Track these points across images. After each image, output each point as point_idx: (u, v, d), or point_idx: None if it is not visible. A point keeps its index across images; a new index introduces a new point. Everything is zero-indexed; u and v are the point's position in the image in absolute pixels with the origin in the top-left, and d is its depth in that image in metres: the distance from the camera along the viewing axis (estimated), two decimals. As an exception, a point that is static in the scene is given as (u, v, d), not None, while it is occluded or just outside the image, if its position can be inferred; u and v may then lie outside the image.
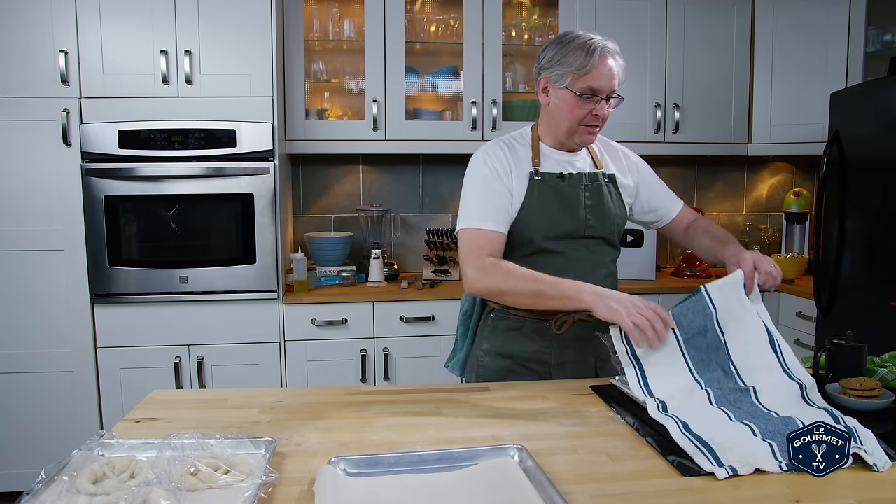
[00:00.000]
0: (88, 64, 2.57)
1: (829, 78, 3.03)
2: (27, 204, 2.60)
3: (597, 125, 1.56)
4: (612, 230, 1.65)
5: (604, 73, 1.50)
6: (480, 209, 1.56)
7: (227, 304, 2.70)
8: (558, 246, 1.59)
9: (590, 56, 1.49)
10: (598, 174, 1.65)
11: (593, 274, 1.59)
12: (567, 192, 1.60)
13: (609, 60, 1.51)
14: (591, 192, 1.62)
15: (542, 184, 1.59)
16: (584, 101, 1.52)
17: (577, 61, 1.50)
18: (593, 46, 1.49)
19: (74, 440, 1.13)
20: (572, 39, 1.53)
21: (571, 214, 1.59)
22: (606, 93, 1.53)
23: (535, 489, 0.95)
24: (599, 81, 1.50)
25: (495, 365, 1.67)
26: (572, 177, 1.61)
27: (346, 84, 3.15)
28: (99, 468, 0.97)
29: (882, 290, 2.39)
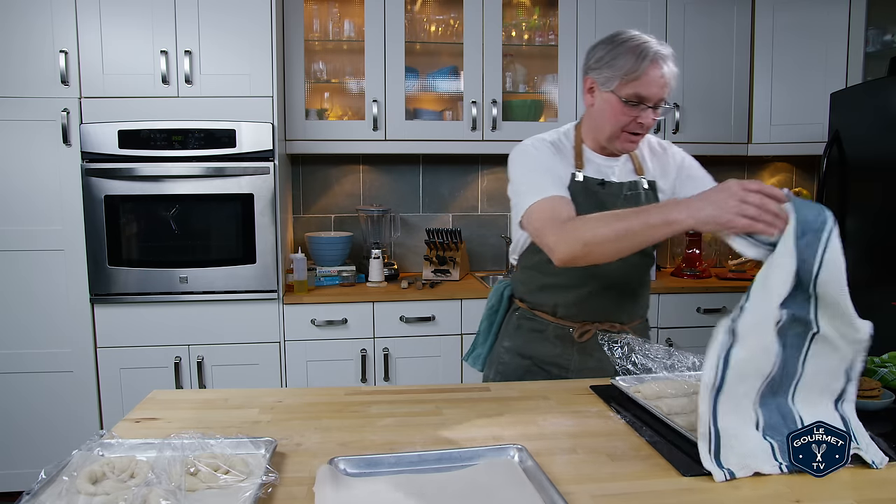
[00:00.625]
0: (88, 64, 2.57)
1: (829, 78, 3.03)
2: (27, 204, 2.60)
3: (640, 133, 1.50)
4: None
5: (654, 79, 1.42)
6: (543, 182, 1.46)
7: (227, 304, 2.70)
8: None
9: (641, 60, 1.41)
10: (638, 182, 1.58)
11: (622, 282, 1.57)
12: (605, 200, 1.53)
13: (661, 67, 1.42)
14: (628, 201, 1.55)
15: (584, 189, 1.53)
16: (629, 108, 1.45)
17: (626, 65, 1.42)
18: (646, 50, 1.41)
19: (74, 440, 1.13)
20: (624, 41, 1.44)
21: None
22: (654, 101, 1.45)
23: (535, 489, 0.95)
24: (649, 89, 1.43)
25: (515, 363, 1.67)
26: (612, 185, 1.55)
27: (346, 84, 3.15)
28: (99, 468, 0.97)
29: (882, 290, 2.39)
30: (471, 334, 2.85)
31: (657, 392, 1.36)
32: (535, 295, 1.63)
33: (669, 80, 1.45)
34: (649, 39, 1.44)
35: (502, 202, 3.47)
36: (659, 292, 2.98)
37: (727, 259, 3.46)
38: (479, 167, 3.44)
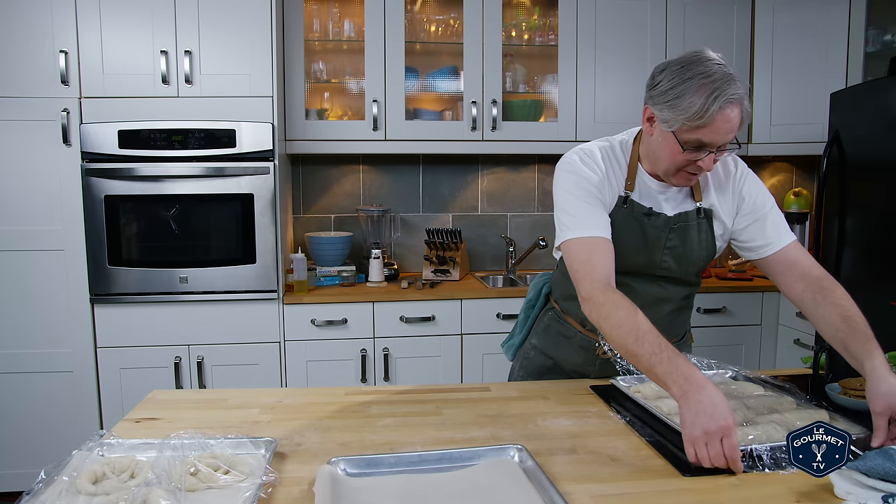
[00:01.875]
0: (88, 64, 2.57)
1: (829, 78, 3.03)
2: (27, 204, 2.60)
3: (699, 173, 1.35)
4: (689, 271, 1.50)
5: (720, 126, 1.24)
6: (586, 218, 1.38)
7: (227, 304, 2.70)
8: (624, 279, 1.42)
9: (709, 106, 1.22)
10: (690, 213, 1.45)
11: (656, 308, 1.48)
12: (649, 231, 1.44)
13: (733, 111, 1.24)
14: (676, 233, 1.45)
15: (628, 214, 1.44)
16: (689, 152, 1.30)
17: (692, 109, 1.23)
18: (717, 93, 1.22)
19: (74, 440, 1.13)
20: (694, 76, 1.24)
21: (647, 254, 1.46)
22: (717, 146, 1.28)
23: (535, 489, 0.95)
24: (713, 136, 1.26)
25: (538, 361, 1.68)
26: (659, 217, 1.44)
27: (346, 84, 3.15)
28: (99, 468, 0.97)
29: (882, 290, 2.39)
30: (471, 334, 2.86)
31: (657, 392, 1.36)
32: (568, 301, 1.60)
33: (739, 122, 1.26)
34: (723, 74, 1.23)
35: (502, 202, 3.47)
36: (659, 292, 2.98)
37: (727, 259, 3.46)
38: (479, 167, 3.44)
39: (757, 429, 1.14)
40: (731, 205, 1.48)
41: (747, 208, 1.47)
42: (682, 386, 1.10)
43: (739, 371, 1.52)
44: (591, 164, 1.43)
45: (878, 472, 0.94)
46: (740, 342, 3.06)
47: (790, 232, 1.47)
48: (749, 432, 1.13)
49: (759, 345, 3.08)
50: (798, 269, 1.44)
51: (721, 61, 1.27)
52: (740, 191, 1.48)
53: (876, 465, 0.94)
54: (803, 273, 1.43)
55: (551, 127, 3.12)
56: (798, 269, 1.43)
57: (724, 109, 1.23)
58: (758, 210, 1.46)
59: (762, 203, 1.47)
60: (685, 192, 1.47)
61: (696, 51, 1.30)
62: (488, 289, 2.96)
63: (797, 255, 1.45)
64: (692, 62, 1.27)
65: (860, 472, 0.96)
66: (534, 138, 3.11)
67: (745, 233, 1.48)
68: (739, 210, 1.48)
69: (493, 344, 2.82)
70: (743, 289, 3.05)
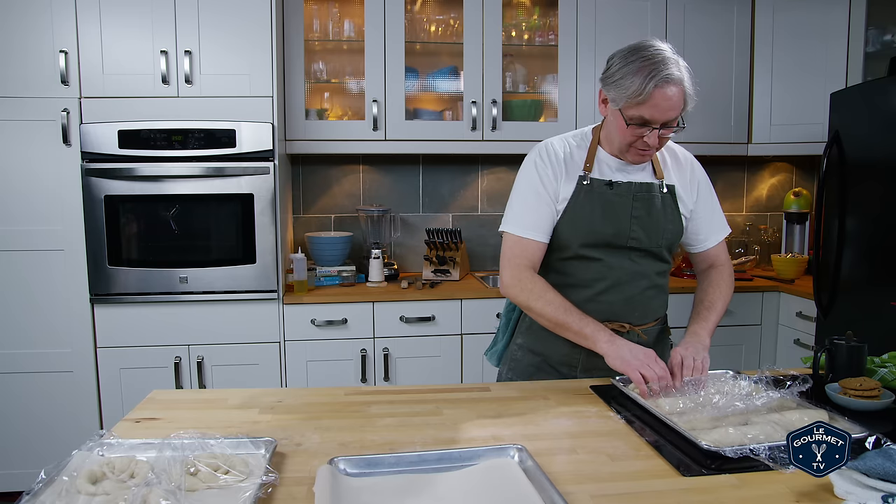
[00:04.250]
0: (88, 64, 2.57)
1: (829, 78, 3.03)
2: (27, 204, 2.60)
3: (648, 149, 1.48)
4: (659, 243, 1.57)
5: (659, 104, 1.39)
6: (526, 214, 1.56)
7: (227, 304, 2.70)
8: (596, 253, 1.55)
9: (646, 84, 1.37)
10: (654, 185, 1.57)
11: (632, 284, 1.57)
12: (614, 201, 1.54)
13: (669, 89, 1.38)
14: (641, 202, 1.55)
15: (590, 190, 1.54)
16: (634, 128, 1.44)
17: (632, 87, 1.39)
18: (653, 73, 1.37)
19: (74, 440, 1.13)
20: (636, 59, 1.40)
21: (614, 224, 1.54)
22: (660, 123, 1.43)
23: (535, 489, 0.95)
24: (652, 112, 1.40)
25: (526, 360, 1.69)
26: (621, 185, 1.55)
27: (346, 84, 3.15)
28: (99, 468, 0.97)
29: (882, 290, 2.39)
30: (471, 334, 2.86)
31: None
32: None
33: (678, 102, 1.41)
34: (662, 58, 1.39)
35: (502, 202, 3.47)
36: (659, 292, 2.98)
37: (727, 259, 3.46)
38: (479, 167, 3.44)
39: (755, 428, 1.14)
40: (693, 195, 1.64)
41: (703, 196, 1.65)
42: (608, 339, 1.44)
43: (739, 371, 1.51)
44: (548, 159, 1.57)
45: (878, 472, 0.94)
46: (740, 342, 3.06)
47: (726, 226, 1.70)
48: (748, 431, 1.13)
49: (759, 345, 3.08)
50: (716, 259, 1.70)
51: (664, 48, 1.42)
52: (700, 183, 1.65)
53: (876, 465, 0.94)
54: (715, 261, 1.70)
55: (551, 127, 3.12)
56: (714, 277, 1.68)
57: (660, 87, 1.37)
58: (706, 201, 1.66)
59: (708, 195, 1.67)
60: (647, 171, 1.59)
61: (644, 39, 1.47)
62: (488, 289, 2.96)
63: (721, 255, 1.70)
64: (637, 48, 1.43)
65: (860, 472, 0.96)
66: (534, 138, 3.10)
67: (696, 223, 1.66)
68: (700, 195, 1.65)
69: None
70: (743, 289, 3.05)
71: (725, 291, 1.63)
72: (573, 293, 1.56)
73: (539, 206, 1.55)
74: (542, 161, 1.57)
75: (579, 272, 1.57)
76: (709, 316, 1.58)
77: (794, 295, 2.97)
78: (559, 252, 1.59)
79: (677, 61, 1.41)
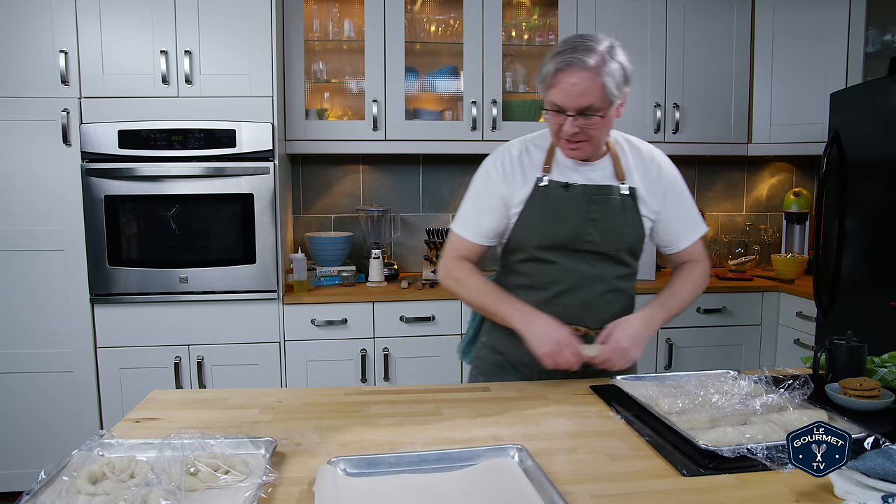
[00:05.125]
0: (88, 64, 2.57)
1: (828, 78, 3.03)
2: (27, 204, 2.60)
3: (576, 141, 1.45)
4: (618, 247, 1.54)
5: (564, 88, 1.38)
6: (470, 217, 1.59)
7: (227, 304, 2.70)
8: (552, 256, 1.54)
9: (552, 68, 1.38)
10: (613, 188, 1.53)
11: (589, 287, 1.54)
12: (569, 203, 1.52)
13: (572, 75, 1.36)
14: (597, 205, 1.52)
15: (545, 192, 1.53)
16: (552, 115, 1.44)
17: (543, 72, 1.41)
18: (559, 58, 1.37)
19: (74, 440, 1.13)
20: (556, 48, 1.42)
21: (570, 227, 1.52)
22: (572, 110, 1.39)
23: (535, 489, 0.95)
24: (562, 98, 1.39)
25: (489, 359, 1.69)
26: (576, 188, 1.52)
27: (346, 84, 3.15)
28: (99, 468, 0.97)
29: (882, 290, 2.39)
30: (471, 334, 2.86)
31: (657, 393, 1.36)
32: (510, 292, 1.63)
33: (587, 88, 1.36)
34: (578, 45, 1.37)
35: (502, 202, 3.46)
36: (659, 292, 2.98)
37: (727, 259, 3.46)
38: (478, 167, 3.43)
39: (754, 428, 1.14)
40: (660, 197, 1.58)
41: (674, 198, 1.60)
42: (523, 317, 1.46)
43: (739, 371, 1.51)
44: (501, 165, 1.57)
45: (878, 472, 0.94)
46: (740, 342, 3.06)
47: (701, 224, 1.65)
48: (746, 431, 1.13)
49: (759, 345, 3.08)
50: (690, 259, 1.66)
51: (590, 40, 1.39)
52: (670, 184, 1.60)
53: (876, 465, 0.94)
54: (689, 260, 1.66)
55: (551, 127, 3.12)
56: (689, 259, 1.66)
57: (562, 71, 1.36)
58: (683, 199, 1.62)
59: (685, 193, 1.62)
60: (608, 172, 1.55)
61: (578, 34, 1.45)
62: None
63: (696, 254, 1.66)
64: (566, 40, 1.42)
65: (860, 472, 0.96)
66: (534, 138, 3.11)
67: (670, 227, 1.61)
68: (668, 196, 1.59)
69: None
70: (743, 289, 3.05)
71: (695, 283, 1.61)
72: (530, 295, 1.57)
73: (484, 210, 1.57)
74: (495, 166, 1.58)
75: (536, 274, 1.56)
76: (668, 301, 1.56)
77: (794, 295, 2.97)
78: (516, 254, 1.59)
79: (600, 52, 1.37)
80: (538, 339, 1.43)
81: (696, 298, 1.63)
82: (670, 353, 2.99)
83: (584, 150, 1.48)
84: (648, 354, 2.99)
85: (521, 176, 1.55)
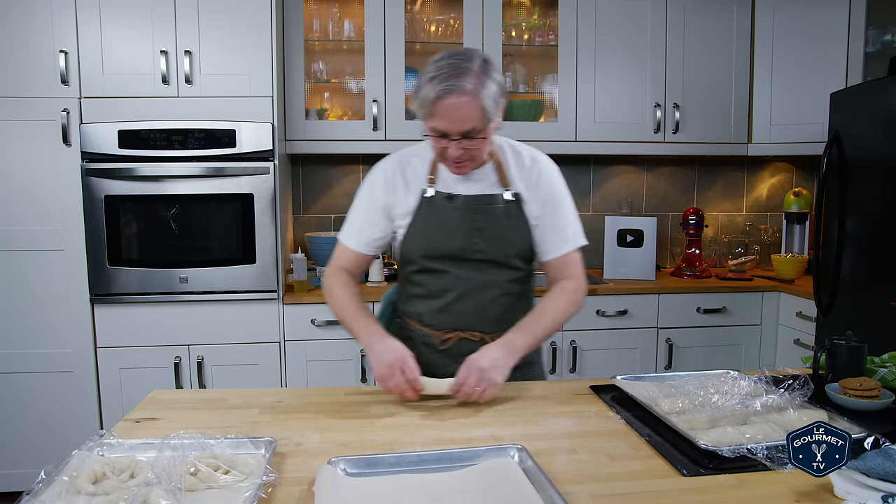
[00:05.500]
0: (88, 64, 2.57)
1: (828, 78, 3.03)
2: (27, 204, 2.60)
3: (461, 161, 1.44)
4: (507, 254, 1.54)
5: (446, 114, 1.35)
6: (354, 226, 1.60)
7: (227, 304, 2.70)
8: (442, 266, 1.54)
9: (430, 95, 1.35)
10: (497, 196, 1.53)
11: (482, 294, 1.54)
12: (455, 214, 1.51)
13: (452, 102, 1.34)
14: (483, 215, 1.52)
15: (431, 203, 1.53)
16: (435, 140, 1.42)
17: (421, 100, 1.38)
18: (436, 84, 1.34)
19: (74, 440, 1.13)
20: (426, 73, 1.38)
21: (458, 237, 1.51)
22: (454, 134, 1.38)
23: (535, 489, 0.95)
24: (444, 124, 1.37)
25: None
26: (460, 199, 1.52)
27: (346, 84, 3.15)
28: (99, 468, 0.97)
29: (882, 290, 2.39)
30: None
31: (658, 393, 1.36)
32: (405, 304, 1.65)
33: (469, 113, 1.35)
34: (453, 68, 1.35)
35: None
36: (659, 292, 2.98)
37: (727, 259, 3.46)
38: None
39: (754, 428, 1.14)
40: (540, 203, 1.56)
41: (551, 207, 1.56)
42: (370, 338, 1.44)
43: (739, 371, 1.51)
44: (383, 176, 1.56)
45: (877, 472, 0.94)
46: (740, 342, 3.06)
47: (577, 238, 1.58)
48: (746, 431, 1.13)
49: (759, 345, 3.08)
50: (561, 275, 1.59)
51: (463, 59, 1.37)
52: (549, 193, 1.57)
53: (876, 465, 0.94)
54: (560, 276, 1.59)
55: (551, 127, 3.12)
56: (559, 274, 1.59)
57: (442, 99, 1.34)
58: (553, 208, 1.56)
59: (556, 203, 1.57)
60: (492, 179, 1.54)
61: (449, 50, 1.43)
62: (488, 289, 2.96)
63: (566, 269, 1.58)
64: (434, 60, 1.40)
65: (860, 472, 0.96)
66: (534, 138, 3.10)
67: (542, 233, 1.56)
68: (546, 205, 1.56)
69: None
70: (743, 289, 3.05)
71: (558, 308, 1.54)
72: (425, 304, 1.58)
73: (367, 221, 1.58)
74: (377, 178, 1.58)
75: (429, 283, 1.57)
76: (530, 327, 1.49)
77: (794, 295, 2.97)
78: (409, 265, 1.59)
79: (475, 72, 1.35)
80: (375, 360, 1.38)
81: (562, 323, 1.56)
82: (670, 353, 2.99)
83: (469, 167, 1.49)
84: (648, 354, 2.99)
85: (403, 187, 1.55)
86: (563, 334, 2.91)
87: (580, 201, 3.52)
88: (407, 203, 1.55)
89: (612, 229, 3.20)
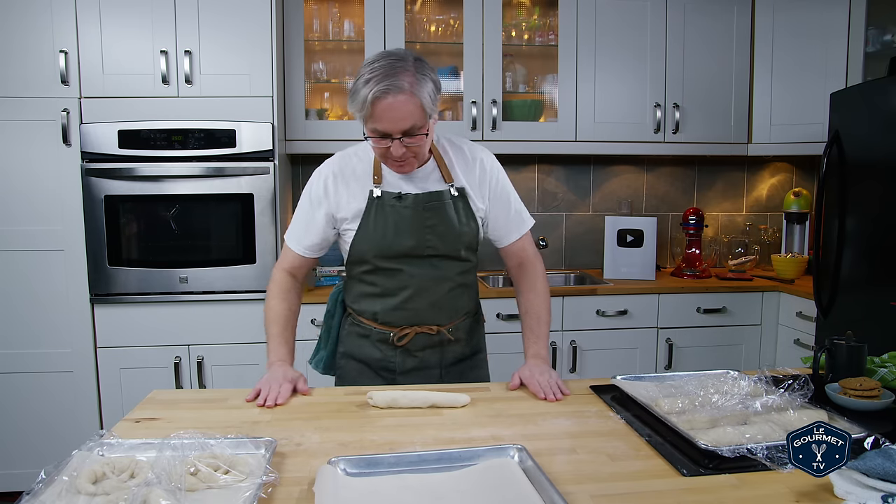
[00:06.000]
0: (88, 64, 2.57)
1: (828, 78, 3.03)
2: (27, 204, 2.60)
3: (404, 160, 1.46)
4: (457, 247, 1.57)
5: (386, 115, 1.37)
6: (297, 230, 1.62)
7: (227, 304, 2.70)
8: (396, 264, 1.55)
9: (367, 96, 1.36)
10: (443, 192, 1.55)
11: (436, 289, 1.57)
12: (405, 214, 1.53)
13: (390, 102, 1.35)
14: (432, 211, 1.54)
15: (380, 205, 1.53)
16: (376, 141, 1.42)
17: (357, 104, 1.39)
18: (372, 85, 1.35)
19: (74, 440, 1.13)
20: (363, 73, 1.39)
21: (410, 236, 1.53)
22: (396, 134, 1.40)
23: (535, 489, 0.95)
24: (384, 125, 1.38)
25: (349, 367, 1.68)
26: (409, 198, 1.53)
27: (346, 84, 3.15)
28: (99, 468, 0.97)
29: (882, 290, 2.39)
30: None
31: (658, 393, 1.36)
32: (358, 303, 1.65)
33: (408, 112, 1.37)
34: (388, 68, 1.37)
35: (502, 202, 3.46)
36: (659, 292, 2.98)
37: (727, 259, 3.46)
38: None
39: (753, 428, 1.14)
40: (486, 196, 1.61)
41: (497, 199, 1.63)
42: (271, 360, 1.53)
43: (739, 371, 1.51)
44: (320, 184, 1.57)
45: (877, 472, 0.94)
46: (740, 342, 3.06)
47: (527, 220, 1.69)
48: (746, 431, 1.13)
49: (759, 345, 3.08)
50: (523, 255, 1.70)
51: (397, 58, 1.39)
52: (494, 187, 1.63)
53: (876, 465, 0.94)
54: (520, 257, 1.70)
55: (551, 127, 3.12)
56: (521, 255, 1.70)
57: (380, 99, 1.35)
58: (500, 197, 1.64)
59: (503, 191, 1.64)
60: (435, 176, 1.57)
61: (382, 51, 1.45)
62: (488, 289, 2.96)
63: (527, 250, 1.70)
64: (367, 62, 1.42)
65: (860, 472, 0.96)
66: (534, 138, 3.11)
67: (494, 221, 1.64)
68: (492, 198, 1.62)
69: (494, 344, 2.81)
70: (743, 289, 3.05)
71: (544, 296, 1.66)
72: (381, 302, 1.59)
73: (308, 225, 1.59)
74: (319, 180, 1.58)
75: (383, 283, 1.58)
76: (540, 330, 1.62)
77: (794, 295, 2.97)
78: (359, 265, 1.59)
79: (410, 70, 1.38)
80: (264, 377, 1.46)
81: (550, 309, 1.68)
82: (670, 353, 2.99)
83: (412, 164, 1.50)
84: (648, 354, 2.99)
85: (345, 190, 1.56)
86: (563, 334, 2.91)
87: (580, 201, 3.53)
88: (351, 206, 1.55)
89: (612, 229, 3.20)
